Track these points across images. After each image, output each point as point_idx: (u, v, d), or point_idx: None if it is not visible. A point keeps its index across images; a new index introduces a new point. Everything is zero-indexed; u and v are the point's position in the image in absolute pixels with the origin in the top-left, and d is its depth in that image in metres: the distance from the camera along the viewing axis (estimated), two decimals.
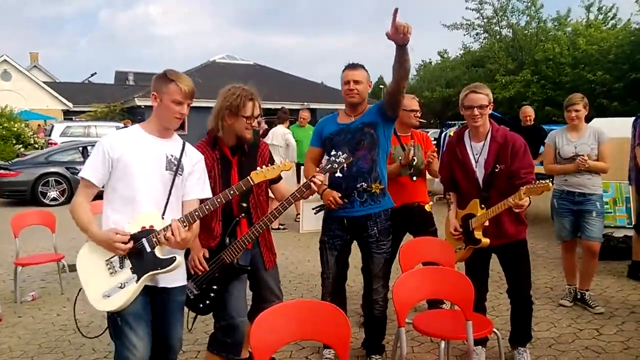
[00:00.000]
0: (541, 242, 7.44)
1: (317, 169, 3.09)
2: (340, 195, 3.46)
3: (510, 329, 3.82)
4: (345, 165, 3.05)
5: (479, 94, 3.47)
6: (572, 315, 4.69)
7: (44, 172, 12.37)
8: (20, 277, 5.47)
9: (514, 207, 3.31)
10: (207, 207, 2.68)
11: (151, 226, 2.57)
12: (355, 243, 3.77)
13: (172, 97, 2.61)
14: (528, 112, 8.21)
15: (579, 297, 4.90)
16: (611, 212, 6.69)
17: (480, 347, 3.71)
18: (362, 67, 3.62)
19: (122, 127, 14.07)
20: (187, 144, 2.83)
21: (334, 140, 3.59)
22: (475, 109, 3.47)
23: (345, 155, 3.00)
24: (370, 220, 3.57)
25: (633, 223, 6.77)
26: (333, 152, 3.07)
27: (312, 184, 2.96)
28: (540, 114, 19.58)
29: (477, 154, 3.58)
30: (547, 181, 3.25)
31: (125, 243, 2.49)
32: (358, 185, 3.47)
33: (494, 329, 3.18)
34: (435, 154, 4.43)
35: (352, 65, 3.62)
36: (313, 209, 3.73)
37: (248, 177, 2.80)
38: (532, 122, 8.25)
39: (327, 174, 3.07)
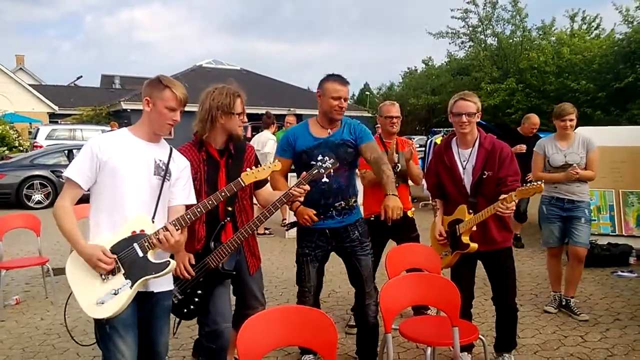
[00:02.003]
0: (526, 249, 7.51)
1: (304, 174, 3.06)
2: (315, 212, 3.37)
3: (495, 335, 3.84)
4: (331, 170, 3.04)
5: (468, 102, 3.51)
6: (556, 322, 4.73)
7: (29, 175, 12.28)
8: (4, 280, 5.38)
9: (501, 211, 3.34)
10: (198, 209, 2.67)
11: (142, 230, 2.55)
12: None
13: (166, 103, 2.60)
14: (537, 122, 7.47)
15: (563, 303, 4.95)
16: (595, 220, 6.78)
17: (466, 353, 3.74)
18: (348, 82, 3.54)
19: (109, 130, 13.99)
20: (174, 149, 2.82)
21: (315, 153, 3.41)
22: (464, 116, 3.50)
23: (332, 160, 3.00)
24: (350, 226, 3.56)
25: (617, 231, 6.91)
26: (320, 157, 3.06)
27: (293, 194, 2.95)
28: None
29: (464, 161, 3.61)
30: (540, 183, 3.30)
31: (108, 265, 2.45)
32: (337, 204, 3.46)
33: (480, 335, 3.19)
34: (414, 149, 4.46)
35: (342, 79, 3.50)
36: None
37: (239, 179, 2.80)
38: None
39: (314, 178, 3.04)
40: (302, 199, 3.04)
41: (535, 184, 3.31)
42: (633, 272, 6.21)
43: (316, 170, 2.98)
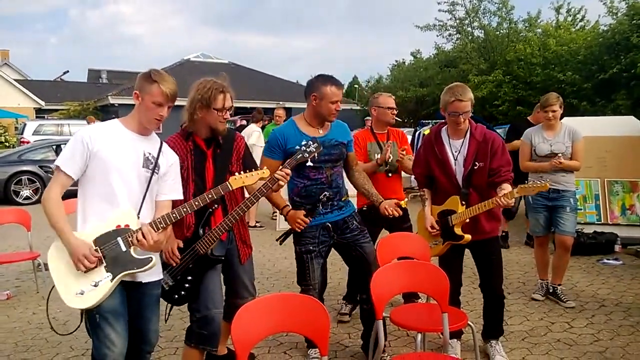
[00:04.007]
0: (514, 238, 7.58)
1: (287, 162, 3.10)
2: (304, 213, 3.43)
3: (483, 323, 3.91)
4: (315, 154, 3.08)
5: (464, 102, 3.51)
6: (544, 309, 4.82)
7: (17, 170, 12.19)
8: None
9: (502, 206, 3.40)
10: (184, 209, 2.69)
11: (126, 225, 2.56)
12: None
13: (153, 98, 2.59)
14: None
15: (550, 291, 5.04)
16: (581, 209, 6.87)
17: (455, 340, 3.79)
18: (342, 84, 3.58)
19: (87, 124, 13.90)
20: (164, 143, 2.84)
21: None
22: (461, 116, 3.54)
23: (315, 144, 3.04)
24: (348, 217, 3.60)
25: (602, 220, 7.01)
26: (303, 142, 3.10)
27: (277, 178, 2.97)
28: (511, 113, 19.91)
29: (456, 152, 3.65)
30: (545, 182, 3.38)
31: (91, 263, 2.46)
32: (321, 196, 3.46)
33: (469, 322, 3.25)
34: (405, 152, 4.48)
35: (338, 83, 3.50)
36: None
37: (226, 183, 2.82)
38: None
39: (299, 162, 3.08)
40: (283, 183, 3.03)
41: (539, 183, 3.39)
42: (618, 260, 6.32)
43: (300, 155, 3.02)
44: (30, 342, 4.28)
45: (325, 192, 3.47)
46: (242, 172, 2.89)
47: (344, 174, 3.79)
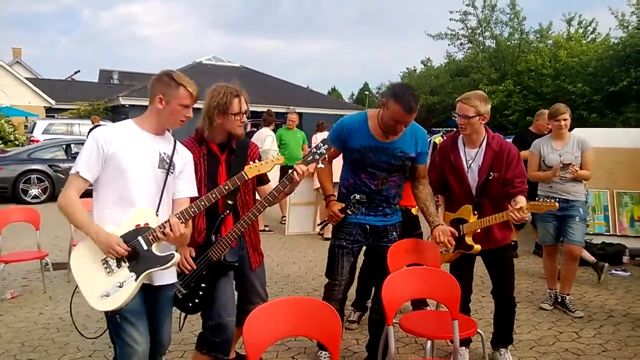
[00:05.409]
0: (522, 247, 7.54)
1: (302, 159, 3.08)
2: (339, 208, 3.44)
3: (492, 331, 3.90)
4: (326, 155, 3.01)
5: (465, 105, 3.52)
6: (552, 318, 4.80)
7: (26, 169, 12.13)
8: (1, 275, 5.32)
9: (515, 220, 3.41)
10: (202, 202, 2.69)
11: (146, 224, 2.56)
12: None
13: (181, 101, 2.62)
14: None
15: (559, 301, 5.02)
16: (590, 220, 6.84)
17: (464, 348, 3.77)
18: (417, 105, 3.28)
19: (94, 125, 13.91)
20: (178, 142, 2.84)
21: (369, 156, 3.39)
22: (460, 118, 3.54)
23: (326, 146, 2.99)
24: (390, 226, 3.57)
25: (611, 231, 6.98)
26: (315, 144, 3.08)
27: (294, 175, 2.93)
28: (521, 123, 19.92)
29: (470, 160, 3.64)
30: (554, 201, 3.37)
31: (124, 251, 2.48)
32: (351, 197, 3.42)
33: (478, 330, 3.24)
34: None
35: (409, 108, 3.21)
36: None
37: (242, 172, 2.81)
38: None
39: (313, 163, 3.06)
40: (298, 179, 2.97)
41: (549, 201, 3.38)
42: (626, 271, 6.29)
43: (311, 157, 2.98)
44: (36, 342, 4.27)
45: (356, 195, 3.42)
46: (256, 161, 2.89)
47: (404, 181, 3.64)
